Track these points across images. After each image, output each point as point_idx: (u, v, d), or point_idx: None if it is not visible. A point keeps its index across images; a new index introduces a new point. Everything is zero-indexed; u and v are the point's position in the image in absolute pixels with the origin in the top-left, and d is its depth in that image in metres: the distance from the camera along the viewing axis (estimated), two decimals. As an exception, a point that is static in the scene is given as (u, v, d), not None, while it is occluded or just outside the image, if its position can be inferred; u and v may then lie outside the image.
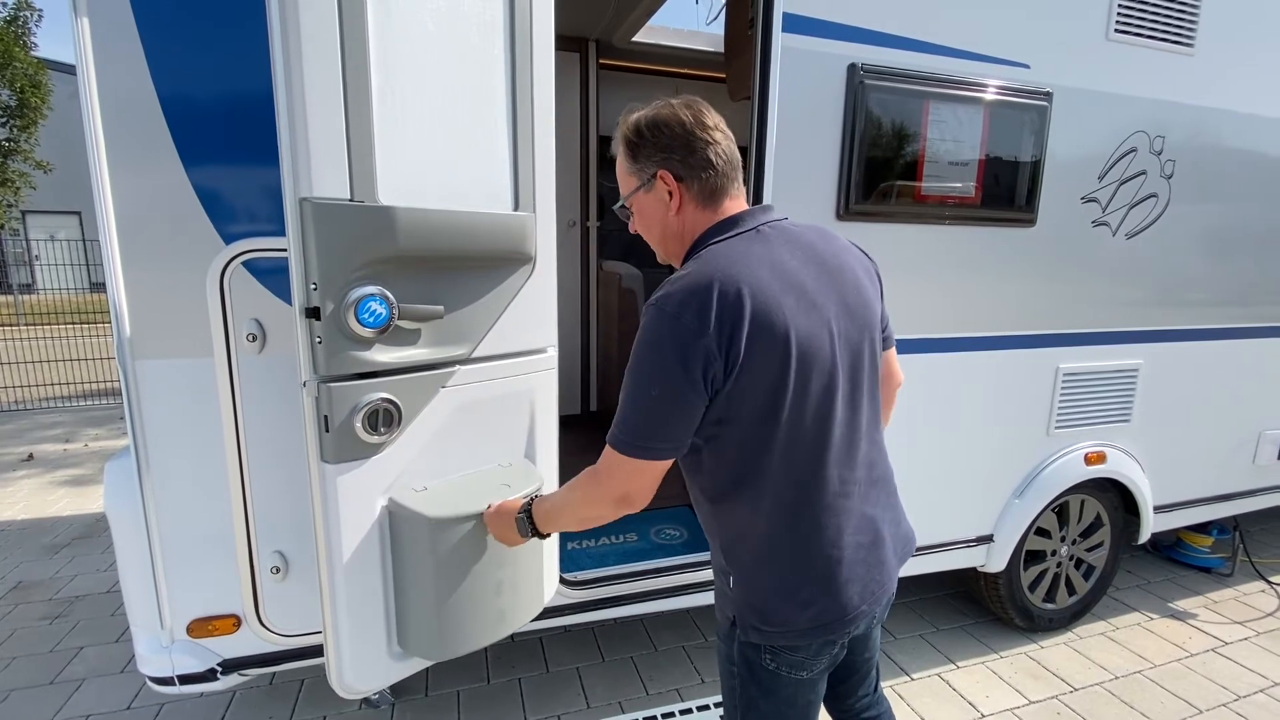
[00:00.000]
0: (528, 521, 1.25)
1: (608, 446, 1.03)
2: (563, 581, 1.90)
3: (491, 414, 1.53)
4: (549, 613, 1.93)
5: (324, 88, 1.16)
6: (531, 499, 1.29)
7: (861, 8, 1.86)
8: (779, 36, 1.79)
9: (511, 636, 2.13)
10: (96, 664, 2.41)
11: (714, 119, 1.07)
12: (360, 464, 1.32)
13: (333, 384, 1.25)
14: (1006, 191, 2.15)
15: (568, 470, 3.46)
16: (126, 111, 1.38)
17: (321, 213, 1.19)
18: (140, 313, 1.45)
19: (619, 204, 1.17)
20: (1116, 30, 2.16)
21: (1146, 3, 2.19)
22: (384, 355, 1.30)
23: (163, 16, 1.36)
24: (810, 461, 1.03)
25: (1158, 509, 2.71)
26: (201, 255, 1.47)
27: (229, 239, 1.48)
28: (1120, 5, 2.15)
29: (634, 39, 3.33)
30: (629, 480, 1.04)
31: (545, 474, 1.67)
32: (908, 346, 2.09)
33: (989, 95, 2.04)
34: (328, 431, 1.26)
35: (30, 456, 4.79)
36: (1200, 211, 2.48)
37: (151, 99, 1.39)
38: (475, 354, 1.46)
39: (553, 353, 1.66)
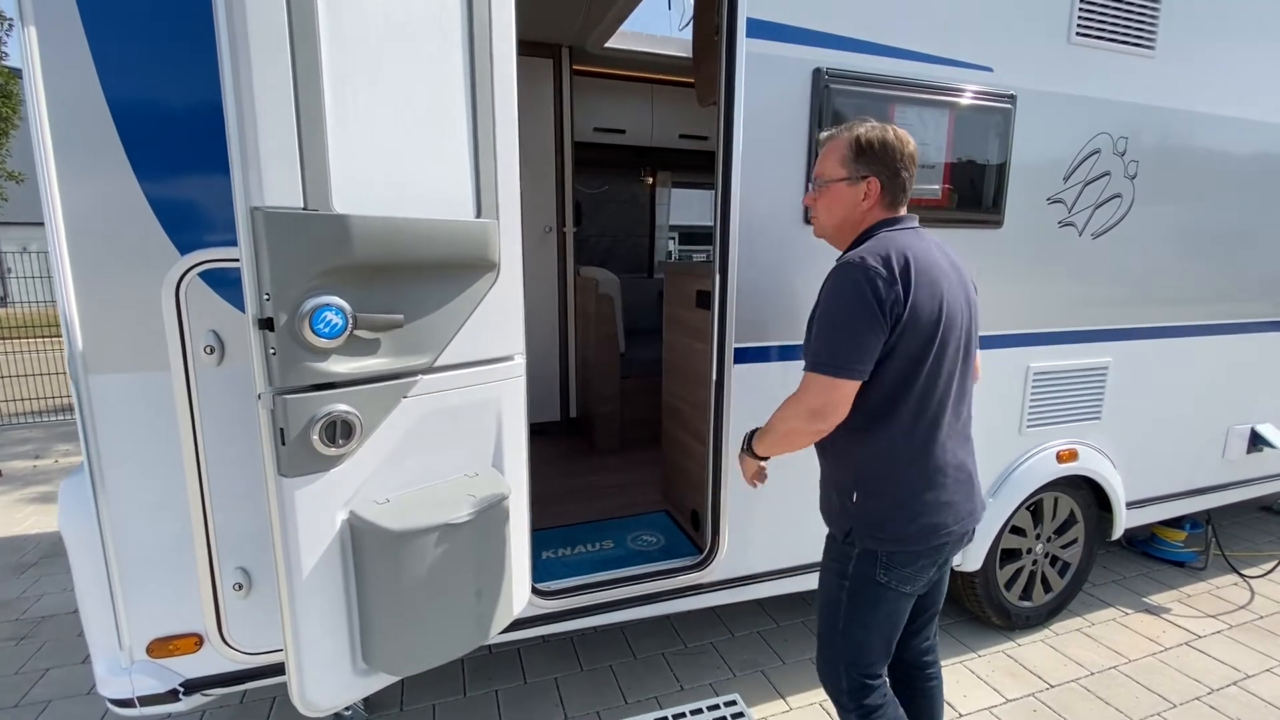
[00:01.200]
0: (746, 445, 1.54)
1: (807, 373, 1.33)
2: (535, 592, 1.88)
3: (457, 423, 1.51)
4: (521, 624, 1.91)
5: (274, 94, 1.14)
6: (753, 430, 1.54)
7: (826, 13, 1.87)
8: (743, 42, 1.79)
9: (489, 647, 2.11)
10: (62, 686, 2.35)
11: (915, 154, 1.40)
12: (318, 477, 1.29)
13: (288, 396, 1.23)
14: (974, 193, 2.17)
15: (544, 478, 3.43)
16: (76, 120, 1.35)
17: (273, 222, 1.17)
18: (93, 326, 1.42)
19: (814, 181, 1.47)
20: (1078, 33, 2.20)
21: (1107, 6, 2.22)
22: (341, 366, 1.28)
23: (112, 24, 1.34)
24: (939, 402, 1.36)
25: (1130, 505, 2.74)
26: (156, 266, 1.44)
27: (185, 249, 1.45)
28: (1081, 9, 2.18)
29: (607, 45, 3.33)
30: (823, 395, 1.30)
31: (514, 482, 1.65)
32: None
33: (953, 98, 2.06)
34: (284, 444, 1.24)
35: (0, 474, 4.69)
36: (1164, 211, 2.52)
37: (101, 107, 1.36)
38: (438, 363, 1.44)
39: (520, 360, 1.64)
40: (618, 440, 3.45)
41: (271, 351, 1.20)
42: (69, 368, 1.42)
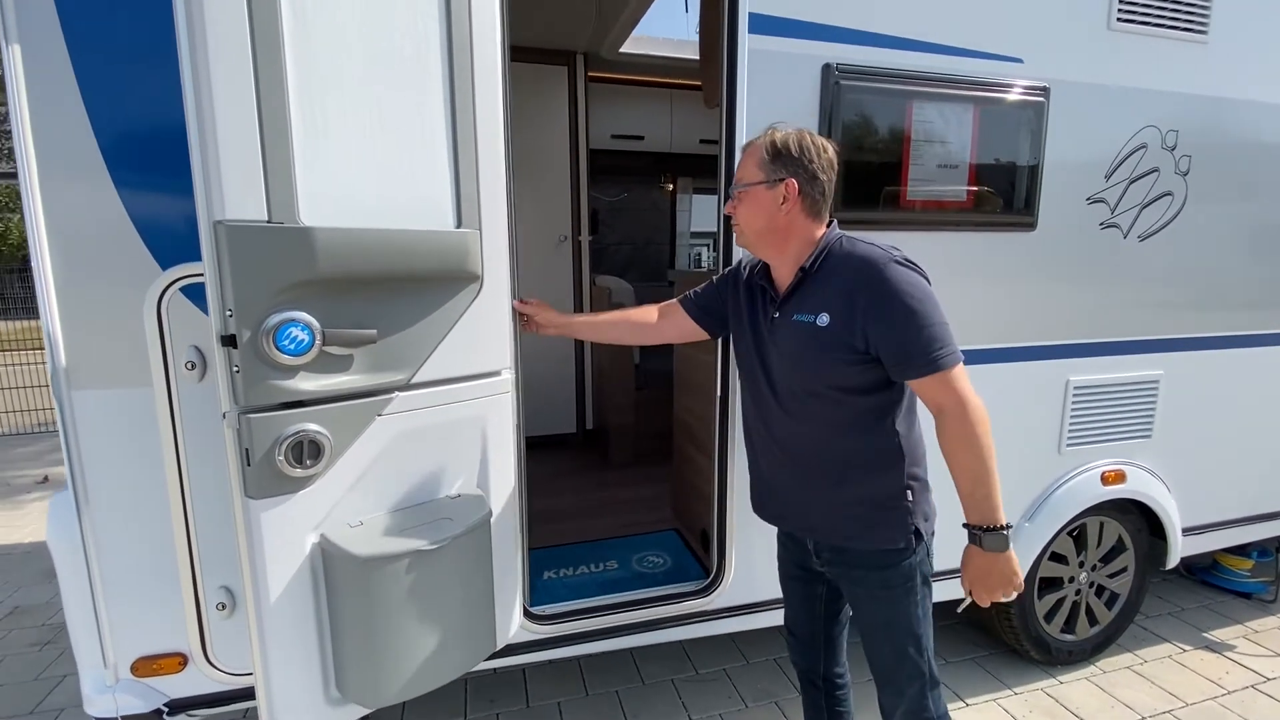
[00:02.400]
0: (985, 534, 1.27)
1: (944, 373, 1.24)
2: (529, 616, 1.80)
3: (437, 442, 1.45)
4: (515, 650, 1.83)
5: (235, 105, 1.10)
6: (965, 526, 1.30)
7: (835, 6, 1.76)
8: (745, 38, 1.69)
9: (493, 668, 2.04)
10: (77, 694, 2.38)
11: (835, 160, 1.36)
12: (286, 499, 1.25)
13: (253, 415, 1.18)
14: (1002, 194, 2.02)
15: (556, 492, 3.37)
16: (59, 136, 1.34)
17: (236, 236, 1.12)
18: (76, 341, 1.41)
19: (734, 186, 1.41)
20: (1119, 19, 2.02)
21: (1153, -11, 2.04)
22: (310, 383, 1.23)
23: (95, 43, 1.33)
24: None
25: (1187, 531, 2.51)
26: (138, 281, 1.42)
27: (166, 264, 1.43)
28: (1123, -8, 2.01)
29: (622, 50, 3.27)
30: (967, 381, 1.26)
31: (502, 503, 1.58)
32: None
33: (979, 93, 1.91)
34: (249, 465, 1.20)
35: (45, 479, 4.88)
36: (1222, 210, 2.30)
37: (84, 124, 1.35)
38: (416, 379, 1.38)
39: (508, 375, 1.58)
40: (632, 454, 3.36)
41: (235, 369, 1.16)
42: (51, 383, 1.41)
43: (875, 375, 1.29)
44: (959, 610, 1.64)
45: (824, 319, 1.30)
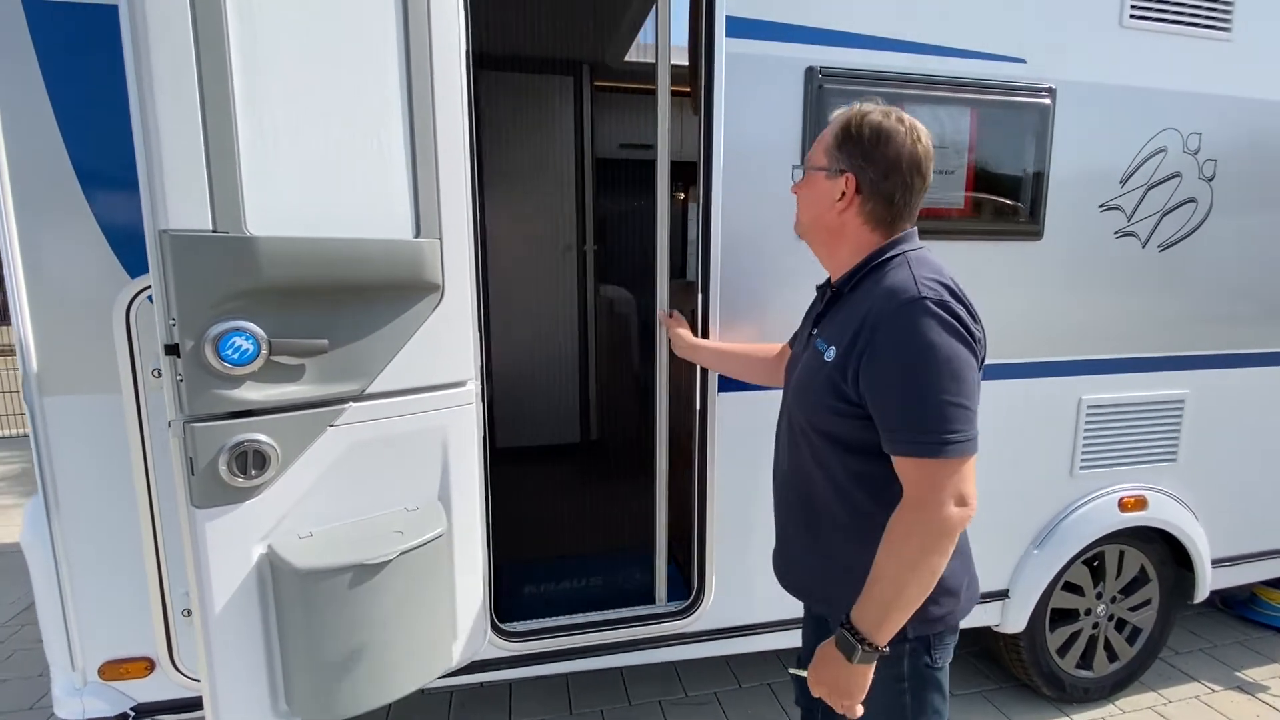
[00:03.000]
0: (852, 639, 1.01)
1: (929, 462, 0.97)
2: (499, 632, 1.76)
3: (394, 454, 1.43)
4: (484, 666, 1.79)
5: (179, 114, 1.11)
6: (844, 618, 1.04)
7: (819, 7, 1.70)
8: (722, 41, 1.64)
9: (479, 682, 2.01)
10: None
11: (928, 166, 1.10)
12: (232, 509, 1.23)
13: (196, 424, 1.18)
14: (1003, 201, 1.91)
15: (553, 503, 3.33)
16: (32, 149, 1.38)
17: (179, 245, 1.12)
18: (47, 348, 1.44)
19: (798, 164, 1.25)
20: (1132, 16, 1.90)
21: (1170, -16, 1.92)
22: (256, 393, 1.22)
23: (65, 58, 1.36)
24: None
25: (1218, 562, 2.32)
26: (107, 290, 1.44)
27: (134, 273, 1.45)
28: (1136, -12, 1.89)
29: (627, 59, 3.25)
30: (965, 484, 0.98)
31: (464, 517, 1.55)
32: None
33: (976, 95, 1.82)
34: (193, 474, 1.19)
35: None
36: (1254, 217, 2.14)
37: (56, 135, 1.38)
38: (371, 389, 1.36)
39: (473, 386, 1.55)
40: (634, 466, 3.30)
41: (179, 378, 1.16)
42: (23, 389, 1.44)
43: (871, 435, 1.04)
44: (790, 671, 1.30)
45: (831, 352, 1.09)
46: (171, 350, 1.15)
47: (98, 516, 1.52)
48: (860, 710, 1.05)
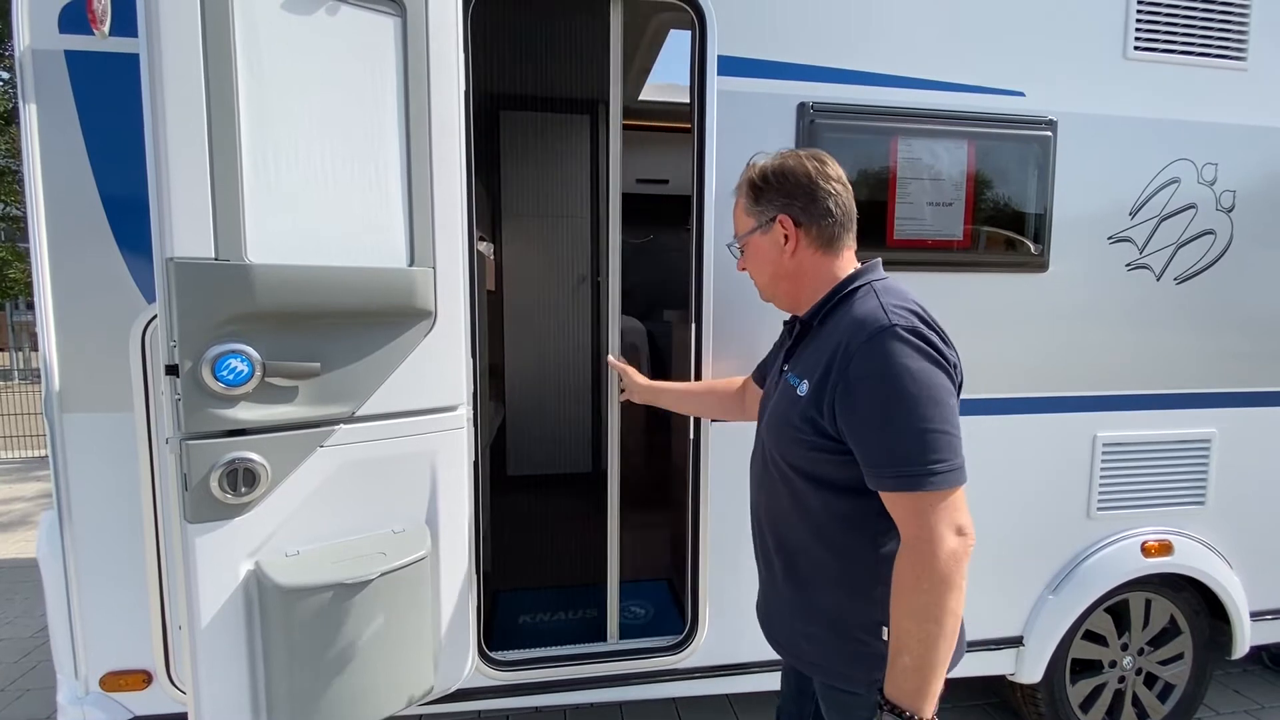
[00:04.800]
0: (893, 709, 0.93)
1: (917, 495, 0.93)
2: (487, 660, 1.75)
3: (382, 476, 1.46)
4: (474, 695, 1.78)
5: (188, 153, 1.19)
6: (879, 692, 0.97)
7: (808, 45, 1.73)
8: (714, 80, 1.69)
9: (478, 714, 1.99)
10: (92, 704, 2.50)
11: (836, 171, 1.12)
12: (221, 525, 1.28)
13: (191, 441, 1.23)
14: (1006, 233, 1.89)
15: (560, 533, 3.31)
16: (65, 183, 1.49)
17: (183, 271, 1.20)
18: (69, 368, 1.53)
19: (730, 242, 1.24)
20: (1137, 47, 1.89)
21: (1175, 15, 1.90)
22: (249, 413, 1.28)
23: (99, 101, 1.49)
24: None
25: (1257, 615, 2.17)
26: (125, 314, 1.54)
27: (151, 299, 1.54)
28: (1139, 20, 1.88)
29: (641, 98, 3.36)
30: (959, 513, 0.94)
31: (452, 541, 1.57)
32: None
33: (973, 128, 1.82)
34: (186, 490, 1.24)
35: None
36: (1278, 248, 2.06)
37: (87, 171, 1.50)
38: (361, 412, 1.41)
39: (463, 411, 1.58)
40: (642, 497, 3.28)
41: (177, 397, 1.22)
42: (44, 407, 1.53)
43: (853, 472, 1.00)
44: None
45: (804, 386, 1.05)
46: (171, 370, 1.22)
47: (106, 530, 1.59)
48: None
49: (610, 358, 1.76)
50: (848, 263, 1.13)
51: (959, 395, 1.01)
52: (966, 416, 1.84)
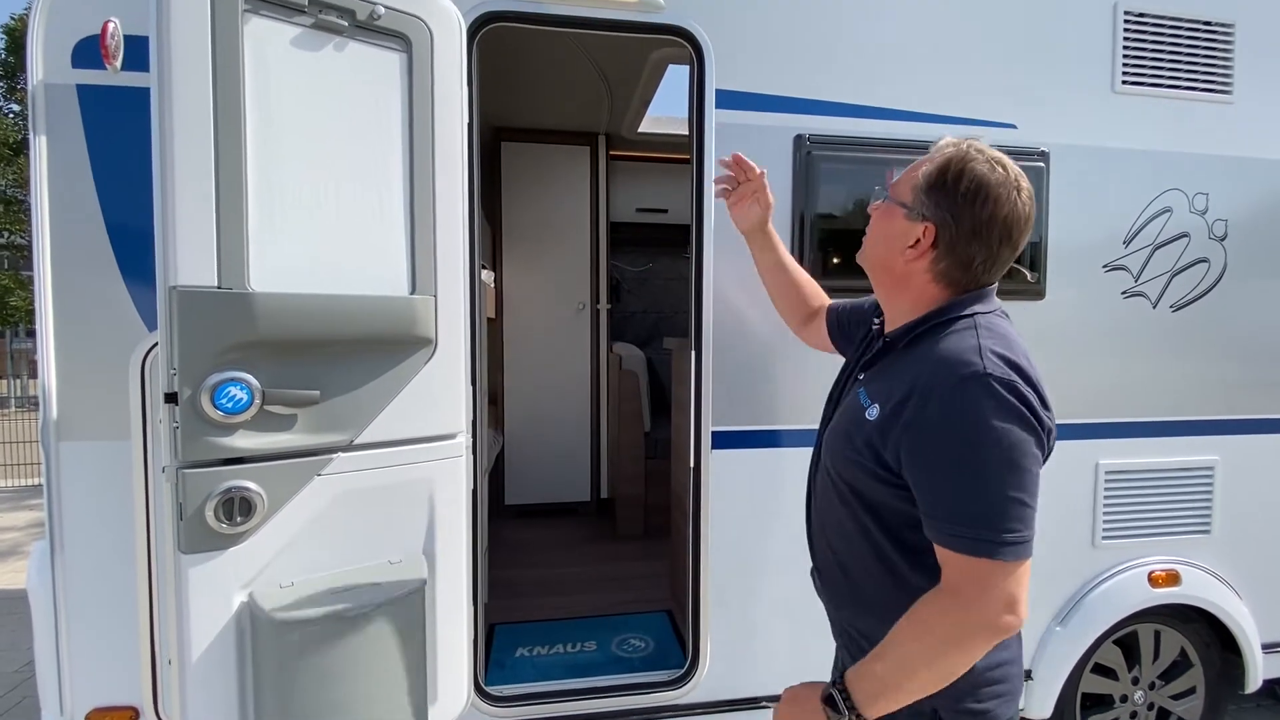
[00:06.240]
0: (841, 704, 0.91)
1: (974, 560, 0.84)
2: (483, 695, 1.71)
3: (380, 505, 1.45)
4: (466, 731, 1.73)
5: (195, 183, 1.21)
6: (839, 678, 0.95)
7: (804, 79, 1.78)
8: (712, 114, 1.73)
9: None
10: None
11: (1024, 235, 0.97)
12: (217, 555, 1.26)
13: (188, 470, 1.22)
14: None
15: (558, 564, 3.29)
16: (71, 210, 1.51)
17: (185, 299, 1.20)
18: (67, 395, 1.53)
19: (883, 187, 1.07)
20: (1124, 82, 1.94)
21: (1161, 52, 1.95)
22: (246, 441, 1.27)
23: (107, 131, 1.51)
24: None
25: (1269, 648, 2.13)
26: (126, 341, 1.54)
27: (153, 327, 1.54)
28: (1126, 57, 1.93)
29: (641, 130, 3.43)
30: (1017, 589, 0.84)
31: (448, 572, 1.54)
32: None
33: (967, 159, 1.85)
34: (182, 519, 1.23)
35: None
36: (1274, 277, 2.08)
37: (93, 199, 1.52)
38: (359, 440, 1.40)
39: (462, 439, 1.57)
40: (641, 526, 3.25)
41: (175, 425, 1.22)
42: (41, 435, 1.52)
43: (909, 508, 0.93)
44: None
45: (874, 411, 0.96)
46: (170, 398, 1.21)
47: (98, 561, 1.56)
48: None
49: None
50: (950, 296, 0.98)
51: (1046, 458, 0.90)
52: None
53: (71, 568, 1.55)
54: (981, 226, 0.92)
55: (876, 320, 1.11)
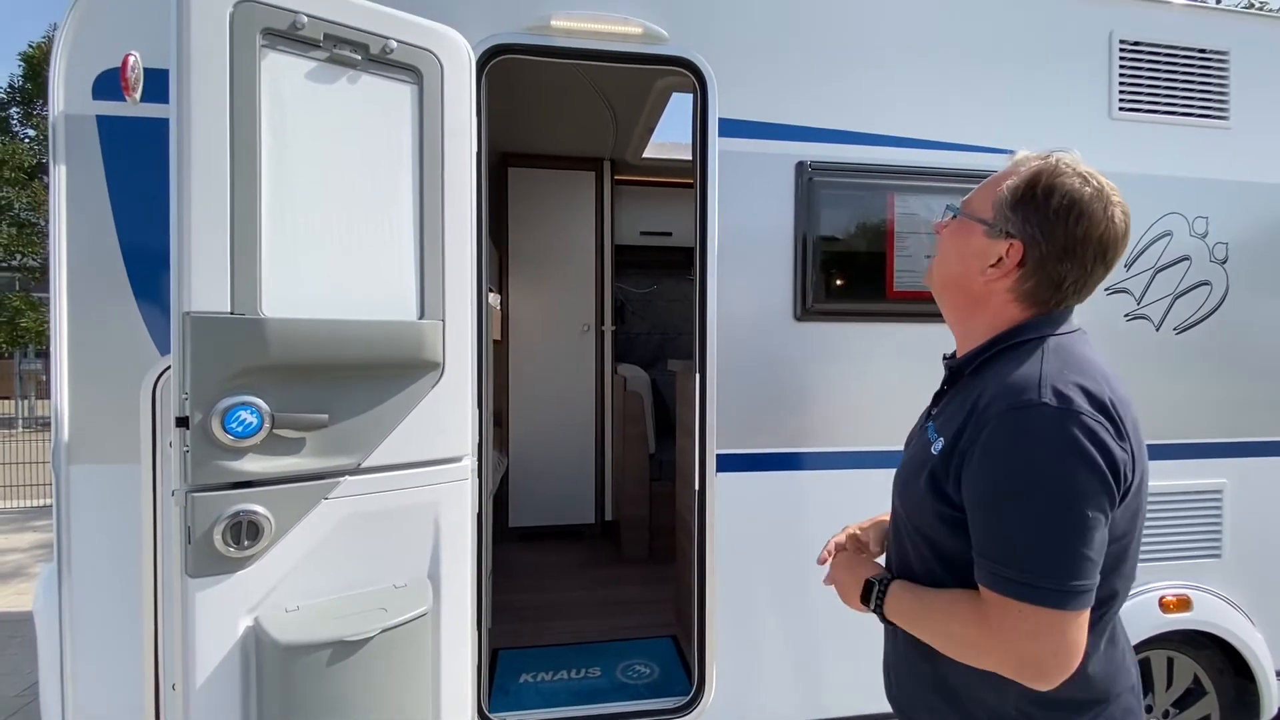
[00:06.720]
0: (878, 596, 0.95)
1: (1016, 605, 0.77)
2: (486, 721, 1.70)
3: (386, 528, 1.45)
4: (471, 758, 1.71)
5: (210, 211, 1.24)
6: (891, 576, 0.97)
7: (807, 108, 1.81)
8: (715, 141, 1.76)
9: None
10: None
11: (1119, 254, 0.90)
12: (223, 579, 1.27)
13: (197, 494, 1.23)
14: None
15: (561, 588, 3.26)
16: (88, 235, 1.54)
17: (198, 325, 1.23)
18: (79, 419, 1.54)
19: (954, 204, 1.00)
20: (1121, 109, 1.97)
21: (1157, 80, 1.99)
22: (256, 465, 1.28)
23: (125, 159, 1.55)
24: (1128, 590, 0.93)
25: (1285, 675, 2.09)
26: (138, 365, 1.56)
27: (165, 351, 1.56)
28: (1122, 84, 1.97)
29: (645, 155, 3.49)
30: (1045, 638, 0.77)
31: (454, 596, 1.54)
32: (889, 460, 1.82)
33: (965, 184, 1.87)
34: (190, 543, 1.23)
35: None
36: (1277, 297, 2.09)
37: (109, 225, 1.55)
38: (367, 463, 1.41)
39: (468, 462, 1.58)
40: (646, 549, 3.23)
41: (185, 449, 1.23)
42: (52, 458, 1.54)
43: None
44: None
45: (939, 444, 0.90)
46: (182, 422, 1.23)
47: (104, 585, 1.56)
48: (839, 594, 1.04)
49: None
50: (1030, 316, 0.91)
51: (1124, 498, 0.82)
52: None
53: (78, 591, 1.55)
54: (1076, 244, 0.86)
55: (946, 356, 1.06)
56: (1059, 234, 0.86)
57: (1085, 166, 0.88)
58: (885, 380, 1.84)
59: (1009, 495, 0.80)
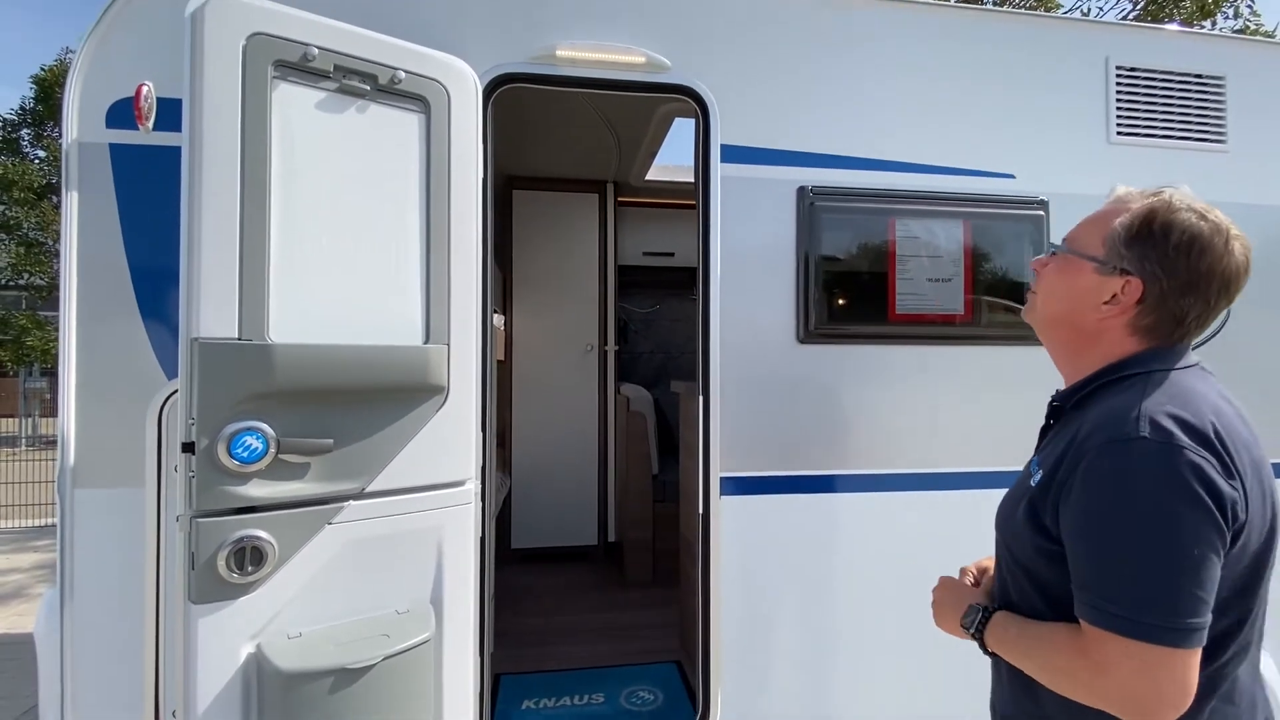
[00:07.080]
0: (980, 623, 0.94)
1: (1110, 635, 0.76)
2: (488, 750, 1.67)
3: (389, 553, 1.45)
4: (473, 787, 1.68)
5: (220, 238, 1.25)
6: (995, 606, 0.96)
7: (808, 134, 1.84)
8: (717, 167, 1.79)
9: None
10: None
11: (1240, 285, 0.90)
12: (226, 605, 1.26)
13: (202, 519, 1.23)
14: (1011, 304, 1.93)
15: (563, 611, 3.22)
16: (98, 255, 1.56)
17: (205, 351, 1.24)
18: (85, 442, 1.55)
19: (1059, 243, 0.98)
20: (1119, 134, 1.99)
21: (1154, 105, 2.01)
22: (260, 490, 1.28)
23: (136, 187, 1.58)
24: (1258, 640, 0.88)
25: (1301, 703, 2.05)
26: (145, 389, 1.57)
27: (172, 375, 1.58)
28: (1119, 110, 1.99)
29: (648, 178, 3.53)
30: (1149, 676, 0.75)
31: (456, 622, 1.53)
32: (893, 483, 1.82)
33: (967, 209, 1.89)
34: (193, 569, 1.23)
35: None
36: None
37: (120, 250, 1.57)
38: (371, 488, 1.41)
39: (472, 486, 1.58)
40: (649, 572, 3.20)
41: (190, 474, 1.23)
42: (57, 482, 1.54)
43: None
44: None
45: (1039, 476, 0.90)
46: (188, 448, 1.23)
47: (107, 609, 1.56)
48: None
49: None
50: (1141, 349, 0.90)
51: (1238, 534, 0.79)
52: (976, 490, 1.86)
53: (80, 615, 1.55)
54: (1199, 279, 0.86)
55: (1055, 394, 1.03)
56: (1180, 269, 0.86)
57: (1199, 202, 0.88)
58: (888, 402, 1.84)
59: (1108, 529, 0.79)
